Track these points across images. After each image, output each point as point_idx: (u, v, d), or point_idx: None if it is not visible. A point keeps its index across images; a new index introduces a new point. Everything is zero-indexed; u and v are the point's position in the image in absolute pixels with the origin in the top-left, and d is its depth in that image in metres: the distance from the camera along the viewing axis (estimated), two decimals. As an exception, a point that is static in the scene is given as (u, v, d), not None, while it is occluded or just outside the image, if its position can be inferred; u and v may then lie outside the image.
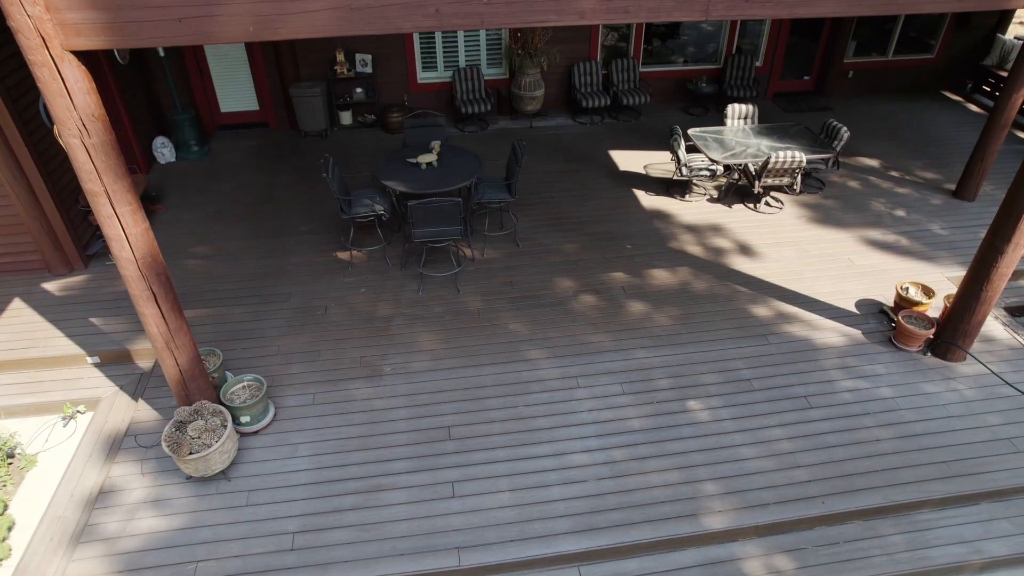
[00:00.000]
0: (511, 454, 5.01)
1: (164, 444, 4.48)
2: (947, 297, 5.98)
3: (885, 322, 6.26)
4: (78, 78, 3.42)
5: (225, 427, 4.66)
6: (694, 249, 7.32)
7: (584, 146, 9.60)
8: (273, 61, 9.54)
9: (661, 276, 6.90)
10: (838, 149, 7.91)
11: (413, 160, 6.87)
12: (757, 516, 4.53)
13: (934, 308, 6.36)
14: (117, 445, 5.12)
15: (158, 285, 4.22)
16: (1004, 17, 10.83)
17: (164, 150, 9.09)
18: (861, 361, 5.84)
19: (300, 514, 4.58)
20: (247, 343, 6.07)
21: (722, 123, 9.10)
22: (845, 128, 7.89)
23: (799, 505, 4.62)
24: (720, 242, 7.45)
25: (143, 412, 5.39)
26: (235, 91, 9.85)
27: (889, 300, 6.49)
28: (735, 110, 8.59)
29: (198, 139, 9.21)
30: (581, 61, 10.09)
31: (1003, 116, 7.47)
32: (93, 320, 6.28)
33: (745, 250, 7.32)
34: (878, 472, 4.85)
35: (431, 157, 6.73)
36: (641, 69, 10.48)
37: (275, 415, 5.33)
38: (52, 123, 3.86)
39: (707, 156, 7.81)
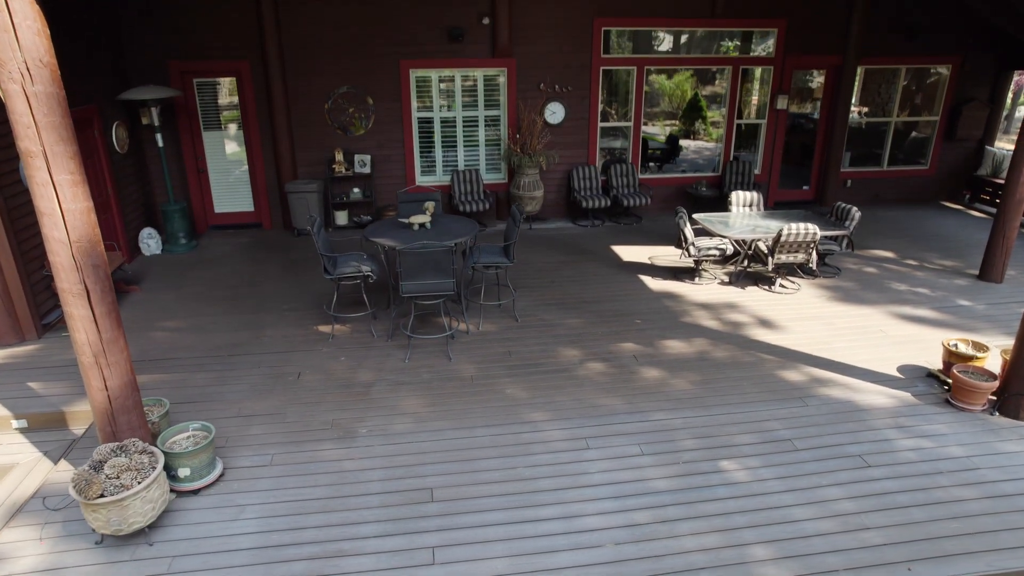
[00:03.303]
0: (508, 517, 4.03)
1: (71, 486, 3.56)
2: (1004, 351, 5.26)
3: (936, 385, 5.47)
4: (28, 13, 3.10)
5: (154, 469, 3.76)
6: (710, 323, 6.70)
7: (585, 243, 9.32)
8: (272, 161, 9.57)
9: (676, 346, 6.21)
10: (851, 228, 7.58)
11: (405, 220, 6.49)
12: (827, 584, 3.49)
13: (989, 364, 5.59)
14: (17, 509, 4.14)
15: (94, 279, 3.59)
16: (989, 130, 11.11)
17: (150, 241, 8.78)
18: (917, 421, 4.99)
19: (234, 583, 3.53)
20: (203, 404, 5.25)
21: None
22: (856, 208, 7.63)
23: (877, 572, 3.58)
24: (737, 317, 6.85)
25: (62, 474, 4.46)
26: (232, 192, 9.77)
27: (934, 366, 5.74)
28: (739, 197, 8.40)
29: (187, 232, 8.94)
30: (580, 165, 10.15)
31: (1017, 191, 7.24)
32: (31, 384, 5.50)
33: (766, 323, 6.69)
34: (972, 535, 3.85)
35: (424, 218, 6.36)
36: (640, 176, 10.53)
37: (222, 474, 4.40)
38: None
39: (715, 233, 7.46)
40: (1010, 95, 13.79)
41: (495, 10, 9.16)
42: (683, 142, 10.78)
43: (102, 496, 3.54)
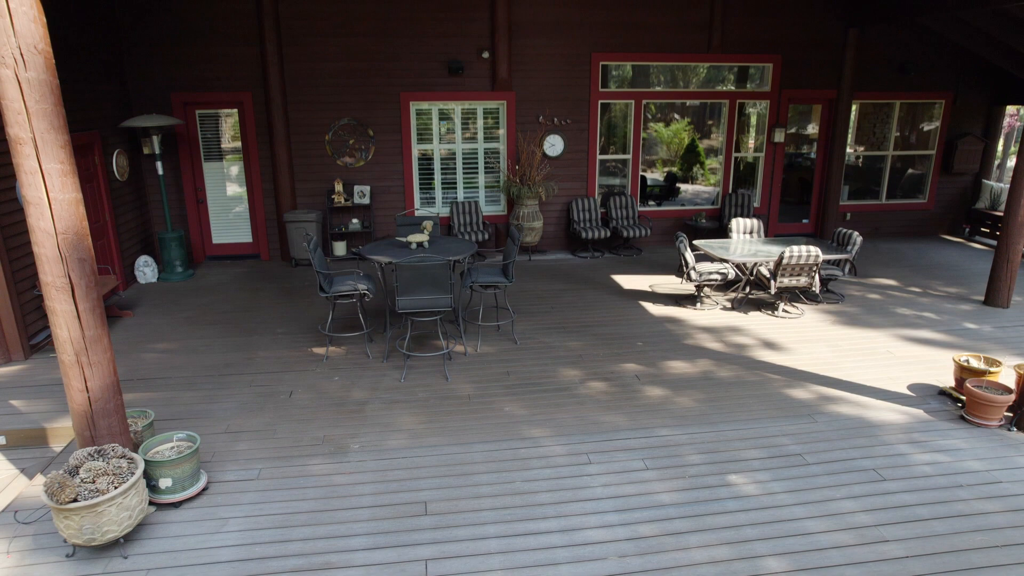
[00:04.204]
0: (505, 530, 3.81)
1: (43, 490, 3.37)
2: (1019, 366, 5.10)
3: (949, 403, 5.29)
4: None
5: (133, 474, 3.57)
6: (713, 345, 6.55)
7: (585, 273, 9.24)
8: (272, 192, 9.59)
9: (679, 366, 6.05)
10: (853, 252, 7.51)
11: (403, 239, 6.42)
12: (847, 597, 3.26)
13: (1003, 380, 5.42)
14: (-8, 521, 3.92)
15: (79, 273, 3.48)
16: (985, 164, 11.19)
17: (146, 269, 8.70)
18: (932, 436, 4.79)
19: (212, 595, 3.30)
20: (191, 421, 5.06)
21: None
22: (856, 233, 7.58)
23: (902, 584, 3.35)
24: (741, 339, 6.70)
25: (37, 489, 4.25)
26: (230, 223, 9.76)
27: (945, 384, 5.57)
28: (740, 224, 8.37)
29: (183, 260, 8.87)
30: (579, 197, 10.17)
31: (1019, 213, 7.21)
32: (13, 402, 5.31)
33: (770, 345, 6.55)
34: (1000, 548, 3.62)
35: (422, 237, 6.30)
36: (640, 208, 10.54)
37: (206, 487, 4.19)
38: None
39: (716, 257, 7.39)
40: (1002, 137, 13.94)
41: (495, 44, 9.34)
42: (682, 186, 10.87)
43: (75, 501, 3.34)
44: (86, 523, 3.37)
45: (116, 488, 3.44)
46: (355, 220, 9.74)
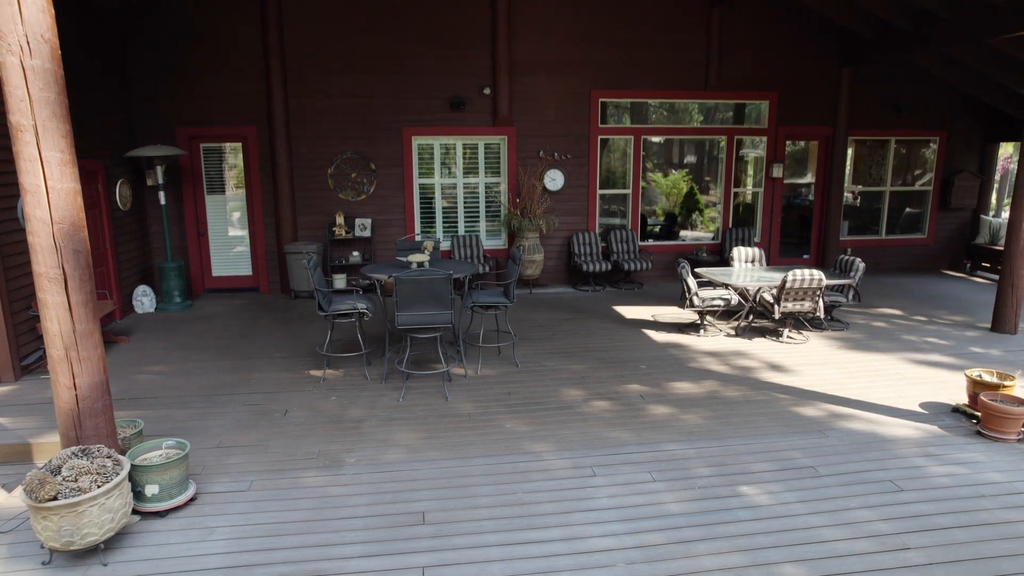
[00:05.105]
0: (506, 539, 3.63)
1: (22, 488, 3.22)
2: (1031, 380, 4.98)
3: (963, 420, 5.14)
4: (34, -12, 3.13)
5: (118, 475, 3.42)
6: (718, 368, 6.43)
7: (587, 304, 9.17)
8: (273, 225, 9.61)
9: (684, 387, 5.91)
10: (856, 278, 7.47)
11: (404, 259, 6.38)
12: (870, 602, 3.06)
13: (1018, 392, 5.28)
14: (-32, 530, 3.74)
15: (73, 265, 3.43)
16: (982, 199, 11.26)
17: (144, 299, 8.64)
18: (949, 450, 4.63)
19: (195, 601, 3.11)
20: (182, 437, 4.90)
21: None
22: (859, 260, 7.55)
23: (927, 590, 3.16)
24: (746, 362, 6.58)
25: (15, 500, 4.07)
26: (231, 256, 9.75)
27: (958, 401, 5.43)
28: (741, 253, 8.35)
29: (182, 291, 8.81)
30: (580, 232, 10.19)
31: (1022, 238, 7.19)
32: (0, 420, 5.17)
33: (777, 368, 6.42)
34: (1025, 554, 3.44)
35: (423, 257, 6.25)
36: (640, 243, 10.55)
37: (194, 497, 4.02)
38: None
39: (718, 283, 7.33)
40: (997, 175, 14.11)
41: (496, 81, 9.54)
42: (682, 231, 10.95)
43: (55, 499, 3.19)
44: (65, 524, 3.21)
45: (99, 487, 3.28)
46: (356, 252, 9.73)
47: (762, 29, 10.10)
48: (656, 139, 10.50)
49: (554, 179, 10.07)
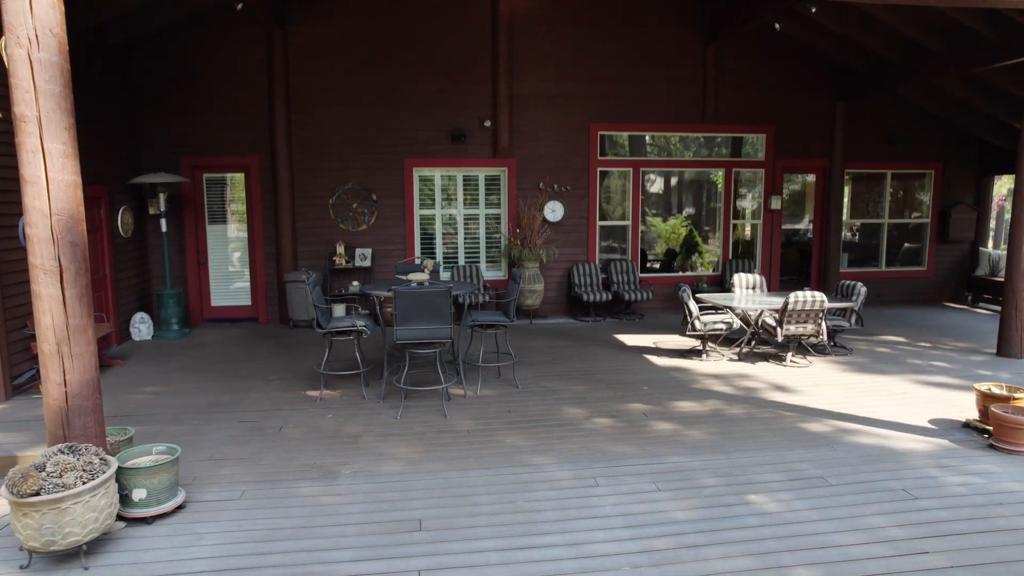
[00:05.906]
0: (506, 544, 3.49)
1: (5, 484, 3.11)
2: (1042, 392, 4.89)
3: (974, 434, 5.02)
4: (45, -17, 3.20)
5: (105, 472, 3.30)
6: (722, 388, 6.32)
7: (587, 333, 9.09)
8: (273, 255, 9.62)
9: (688, 406, 5.80)
10: (858, 302, 7.42)
11: (404, 278, 6.35)
12: (889, 602, 2.91)
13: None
14: (-54, 536, 3.59)
15: (70, 257, 3.39)
16: (980, 232, 11.31)
17: (142, 326, 8.57)
18: (962, 462, 4.50)
19: (179, 602, 2.96)
20: (172, 450, 4.77)
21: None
22: (861, 284, 7.52)
23: (948, 591, 3.01)
24: (750, 384, 6.48)
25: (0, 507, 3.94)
26: (231, 286, 9.73)
27: (969, 417, 5.31)
28: (742, 279, 8.32)
29: (180, 319, 8.75)
30: (580, 263, 10.20)
31: (1022, 260, 7.18)
32: (-11, 434, 5.05)
33: (781, 388, 6.32)
34: (1048, 558, 3.29)
35: (423, 276, 6.23)
36: (640, 274, 10.55)
37: (183, 505, 3.88)
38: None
39: (721, 306, 7.29)
40: (994, 211, 14.22)
41: (496, 114, 9.70)
42: (681, 273, 11.00)
43: (37, 495, 3.07)
44: (47, 521, 3.08)
45: (85, 484, 3.17)
46: (355, 282, 9.71)
47: (757, 64, 10.34)
48: (654, 189, 10.68)
49: (554, 210, 10.13)
